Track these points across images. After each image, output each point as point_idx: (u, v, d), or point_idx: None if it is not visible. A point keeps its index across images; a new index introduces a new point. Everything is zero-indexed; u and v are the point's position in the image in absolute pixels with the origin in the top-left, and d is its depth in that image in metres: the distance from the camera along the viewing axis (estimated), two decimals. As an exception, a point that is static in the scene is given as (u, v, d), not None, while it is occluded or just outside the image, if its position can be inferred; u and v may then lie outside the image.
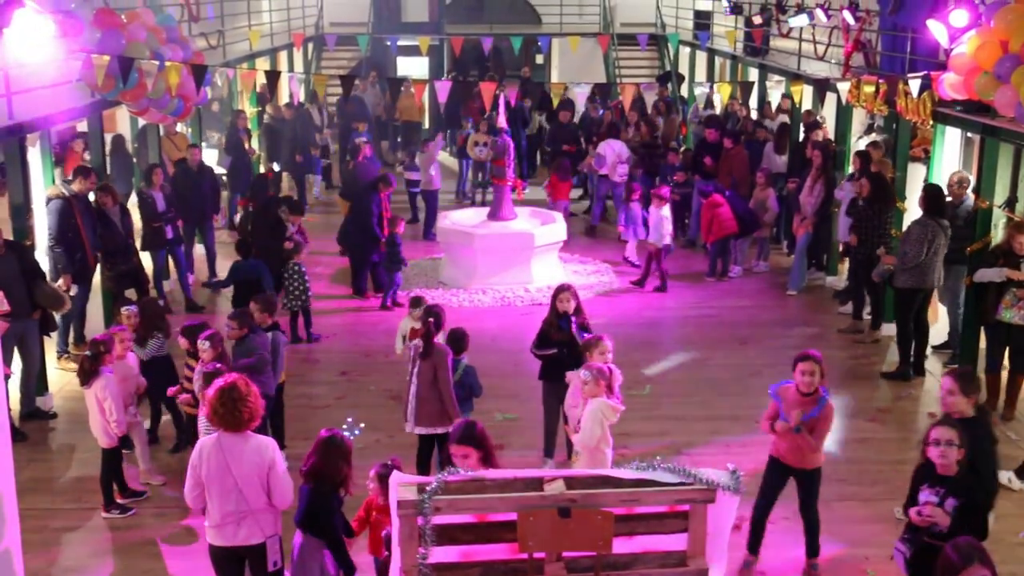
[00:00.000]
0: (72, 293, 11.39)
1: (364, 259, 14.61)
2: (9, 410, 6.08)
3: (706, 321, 13.77)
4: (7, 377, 8.10)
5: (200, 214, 15.05)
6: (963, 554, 4.84)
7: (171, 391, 9.00)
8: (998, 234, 11.25)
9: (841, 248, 14.59)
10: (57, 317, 11.27)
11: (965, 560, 4.81)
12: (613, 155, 17.61)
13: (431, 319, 8.76)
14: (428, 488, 5.16)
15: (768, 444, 8.02)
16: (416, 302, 10.25)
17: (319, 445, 6.48)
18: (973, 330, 10.97)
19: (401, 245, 14.29)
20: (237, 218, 18.29)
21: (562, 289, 9.37)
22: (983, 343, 10.76)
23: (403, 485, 5.24)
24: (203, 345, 8.56)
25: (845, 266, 14.70)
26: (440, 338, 8.88)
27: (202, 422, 8.56)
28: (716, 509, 5.36)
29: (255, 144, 20.02)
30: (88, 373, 8.48)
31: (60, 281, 11.25)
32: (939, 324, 12.48)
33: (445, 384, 8.59)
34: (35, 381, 10.59)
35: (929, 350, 11.93)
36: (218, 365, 8.19)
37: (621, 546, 5.40)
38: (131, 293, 12.47)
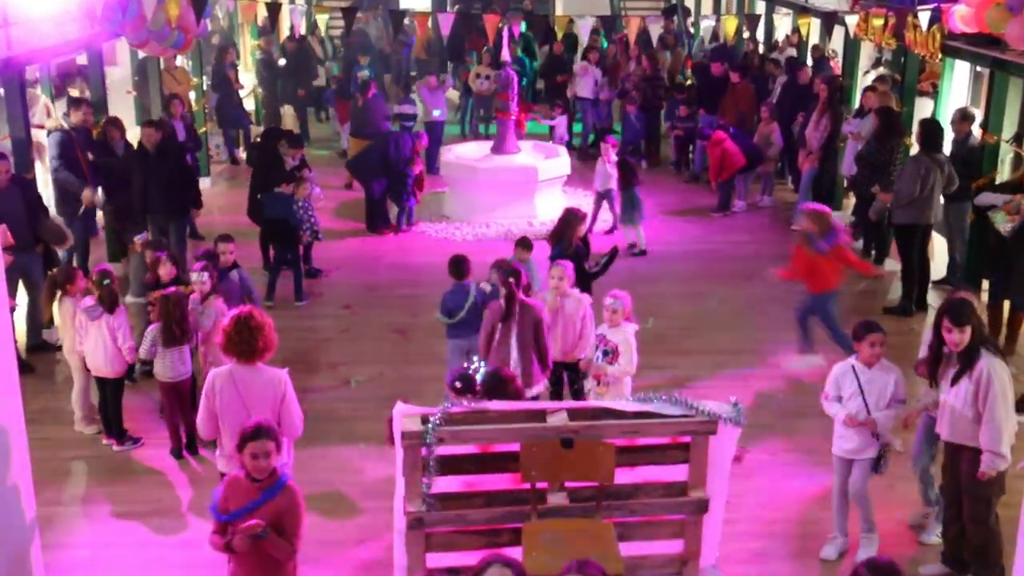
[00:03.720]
0: (98, 202, 11.65)
1: (379, 193, 14.59)
2: (15, 342, 6.10)
3: (709, 256, 13.76)
4: (12, 310, 8.12)
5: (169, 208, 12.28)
6: None
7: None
8: (1004, 170, 11.19)
9: (846, 183, 14.54)
10: (60, 253, 11.30)
11: None
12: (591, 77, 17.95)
13: (511, 279, 8.09)
14: (431, 419, 5.21)
15: (767, 377, 8.05)
16: (525, 243, 9.89)
17: None
18: (976, 264, 10.97)
19: (411, 180, 14.30)
20: (239, 153, 18.26)
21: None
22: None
23: (407, 416, 5.29)
24: (201, 277, 8.62)
25: (850, 201, 14.65)
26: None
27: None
28: (717, 441, 5.42)
29: (250, 79, 19.88)
30: (114, 301, 8.54)
31: (84, 193, 11.54)
32: (938, 259, 12.47)
33: (543, 337, 8.15)
34: (40, 313, 10.63)
35: (930, 285, 11.94)
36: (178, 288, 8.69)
37: (623, 477, 5.47)
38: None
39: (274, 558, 5.37)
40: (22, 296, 10.57)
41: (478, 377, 6.37)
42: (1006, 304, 10.34)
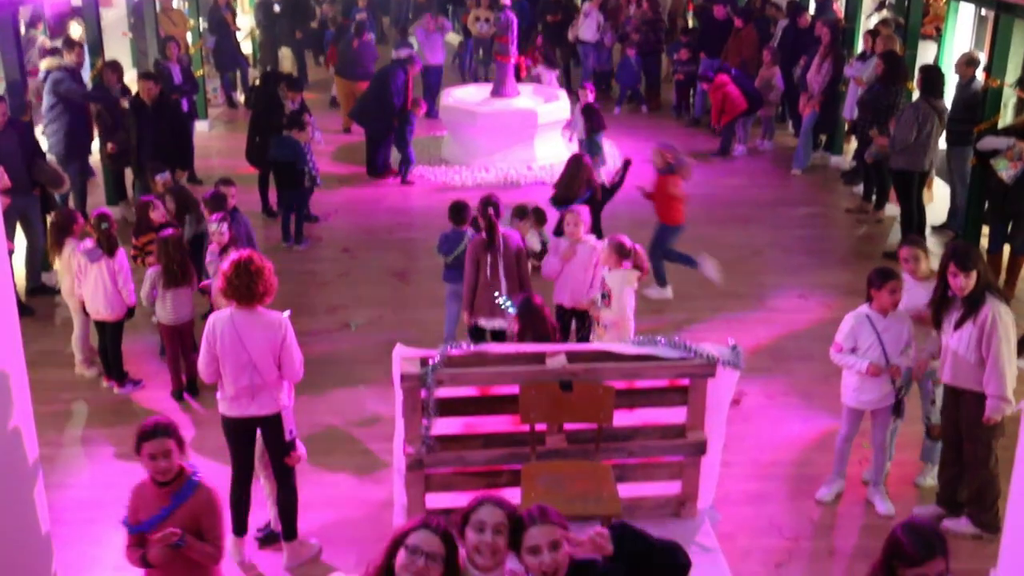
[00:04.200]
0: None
1: (383, 137, 14.50)
2: (14, 285, 6.10)
3: (709, 200, 13.71)
4: (10, 253, 8.11)
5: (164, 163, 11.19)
6: (922, 545, 3.92)
7: (202, 284, 8.94)
8: (1007, 114, 11.12)
9: (847, 128, 14.45)
10: (57, 197, 11.26)
11: (924, 553, 3.90)
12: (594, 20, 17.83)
13: (491, 208, 8.33)
14: (431, 362, 5.22)
15: (766, 321, 8.07)
16: (521, 212, 9.96)
17: None
18: (977, 209, 10.95)
19: (414, 125, 14.19)
20: (237, 96, 18.13)
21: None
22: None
23: (406, 359, 5.30)
24: (220, 228, 8.57)
25: (851, 146, 14.59)
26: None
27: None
28: (716, 383, 5.44)
29: (247, 21, 19.66)
30: (113, 244, 8.52)
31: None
32: (939, 205, 12.44)
33: (526, 267, 8.39)
34: (39, 257, 10.63)
35: (929, 230, 11.92)
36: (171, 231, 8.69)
37: (621, 419, 5.50)
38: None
39: (198, 565, 4.98)
40: (20, 240, 10.56)
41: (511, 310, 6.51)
42: (1005, 249, 10.32)
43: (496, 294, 7.82)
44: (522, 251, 8.40)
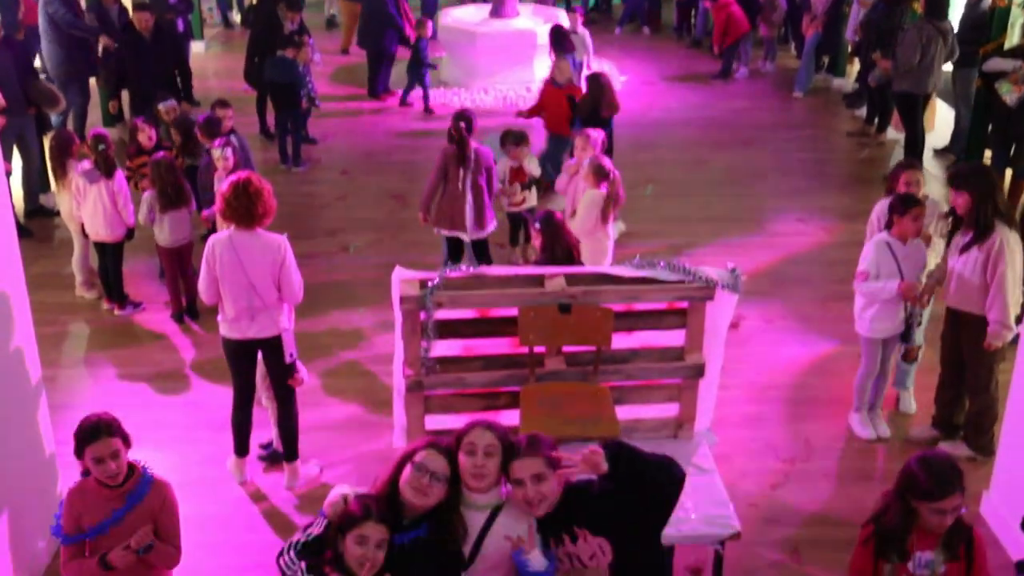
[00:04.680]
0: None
1: (383, 57, 14.32)
2: (13, 207, 6.08)
3: (710, 122, 13.63)
4: (8, 174, 8.07)
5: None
6: (941, 481, 3.89)
7: (205, 214, 8.87)
8: (1014, 34, 10.98)
9: (850, 49, 14.29)
10: (53, 118, 11.18)
11: (943, 489, 3.89)
12: None
13: (462, 123, 8.46)
14: (430, 283, 5.22)
15: (766, 245, 8.05)
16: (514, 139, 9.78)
17: None
18: (980, 132, 10.88)
19: (427, 50, 14.00)
20: (233, 16, 17.89)
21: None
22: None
23: (405, 281, 5.30)
24: (224, 153, 8.49)
25: (854, 68, 14.44)
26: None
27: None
28: (715, 307, 5.45)
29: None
30: (111, 166, 8.48)
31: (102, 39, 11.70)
32: (941, 128, 12.36)
33: (491, 180, 8.59)
34: (36, 178, 10.58)
35: (931, 154, 11.86)
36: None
37: (620, 342, 5.51)
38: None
39: (152, 568, 4.59)
40: (16, 162, 10.50)
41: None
42: (1008, 173, 10.28)
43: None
44: (492, 170, 8.57)
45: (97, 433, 4.33)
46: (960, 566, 3.96)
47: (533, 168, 9.30)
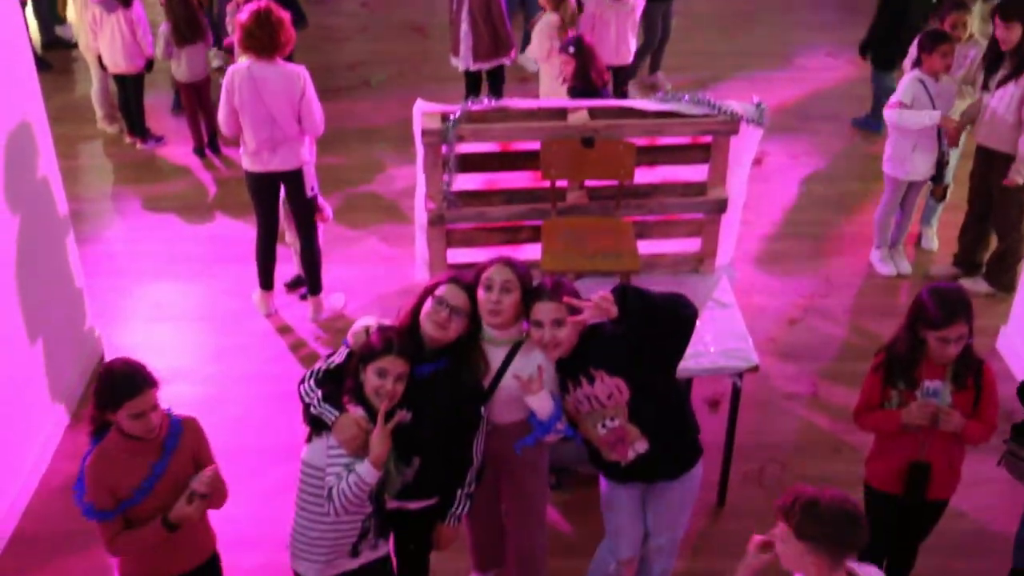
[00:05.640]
0: None
1: None
2: (30, 39, 6.01)
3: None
4: (22, 4, 7.95)
5: None
6: (946, 309, 3.88)
7: (226, 42, 8.71)
8: None
9: None
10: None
11: (947, 317, 3.89)
12: None
13: None
14: (452, 117, 5.18)
15: (792, 80, 7.87)
16: None
17: None
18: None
19: None
20: None
21: None
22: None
23: (427, 114, 5.25)
24: None
25: None
26: None
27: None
28: (738, 141, 5.39)
29: None
30: None
31: None
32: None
33: (499, 14, 8.31)
34: (46, 7, 10.39)
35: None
36: None
37: (642, 176, 5.48)
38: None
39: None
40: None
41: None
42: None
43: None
44: (495, 2, 8.24)
45: (137, 386, 3.58)
46: (968, 396, 4.01)
47: None
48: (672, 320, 3.82)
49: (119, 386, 3.58)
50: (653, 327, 3.80)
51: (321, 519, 3.72)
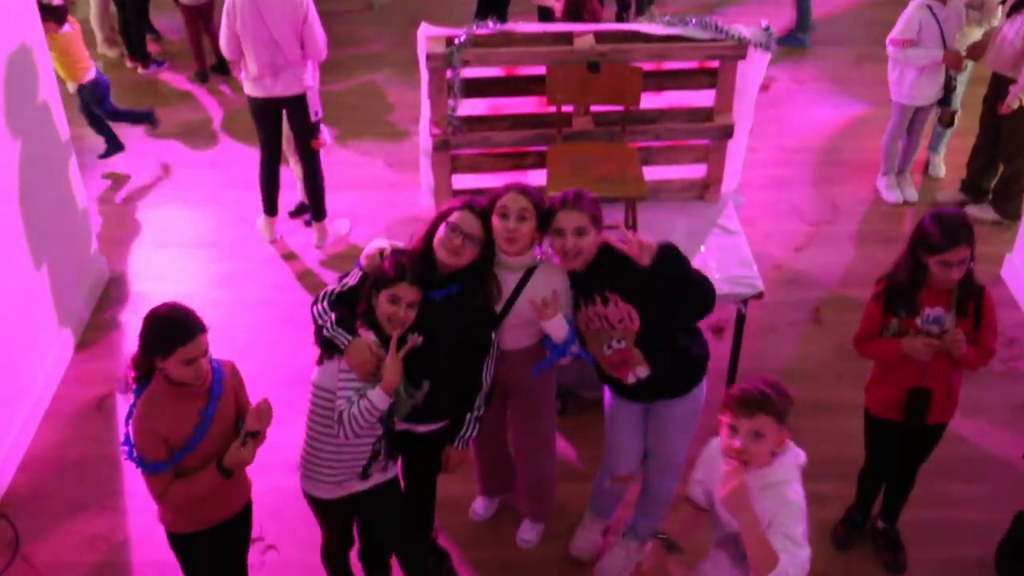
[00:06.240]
0: None
1: None
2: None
3: None
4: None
5: None
6: (948, 233, 3.87)
7: None
8: None
9: None
10: None
11: (949, 241, 3.87)
12: None
13: None
14: (457, 40, 5.12)
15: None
16: None
17: None
18: None
19: None
20: None
21: None
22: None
23: (432, 38, 5.20)
24: None
25: None
26: None
27: None
28: (746, 66, 5.33)
29: None
30: None
31: None
32: None
33: None
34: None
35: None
36: None
37: (649, 101, 5.43)
38: None
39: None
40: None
41: None
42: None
43: None
44: None
45: (189, 331, 3.41)
46: (968, 323, 4.02)
47: None
48: (692, 298, 3.85)
49: (169, 332, 3.40)
50: (674, 292, 3.82)
51: (331, 441, 3.76)
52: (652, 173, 5.48)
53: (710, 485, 3.49)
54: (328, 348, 3.72)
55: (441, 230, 3.82)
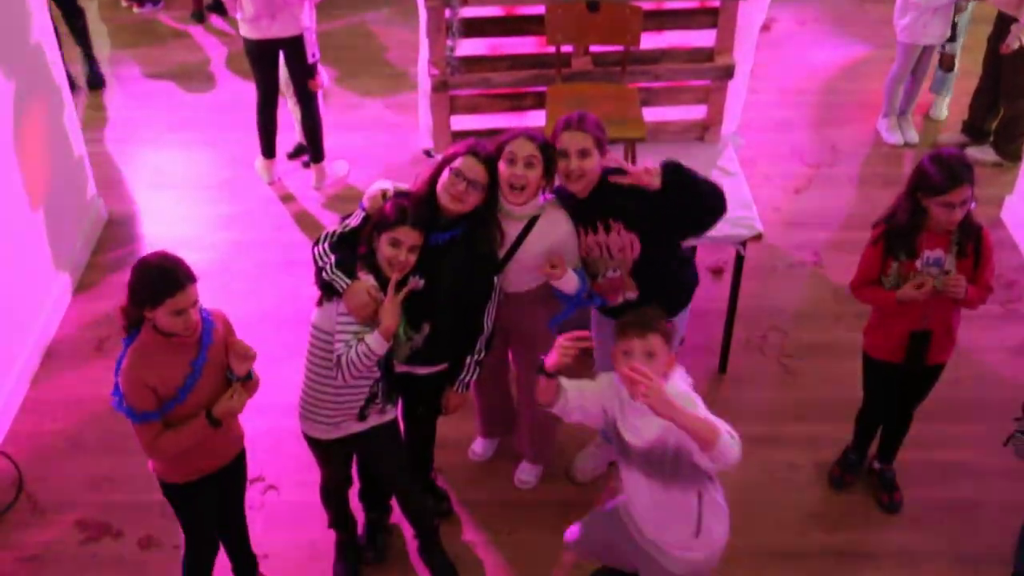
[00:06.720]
0: None
1: None
2: None
3: None
4: None
5: None
6: (948, 174, 3.83)
7: None
8: None
9: None
10: None
11: (949, 182, 3.84)
12: None
13: None
14: (455, -19, 5.07)
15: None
16: None
17: None
18: None
19: None
20: None
21: None
22: None
23: (429, -22, 5.14)
24: None
25: None
26: None
27: None
28: (747, 6, 5.29)
29: None
30: None
31: None
32: None
33: None
34: None
35: None
36: None
37: (649, 41, 5.39)
38: None
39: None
40: None
41: None
42: None
43: None
44: None
45: (179, 281, 3.35)
46: (968, 264, 4.01)
47: None
48: (703, 205, 3.84)
49: (159, 282, 3.34)
50: (685, 202, 3.81)
51: (329, 382, 3.77)
52: (652, 114, 5.45)
53: (614, 413, 3.55)
54: (327, 290, 3.72)
55: (445, 175, 3.78)
